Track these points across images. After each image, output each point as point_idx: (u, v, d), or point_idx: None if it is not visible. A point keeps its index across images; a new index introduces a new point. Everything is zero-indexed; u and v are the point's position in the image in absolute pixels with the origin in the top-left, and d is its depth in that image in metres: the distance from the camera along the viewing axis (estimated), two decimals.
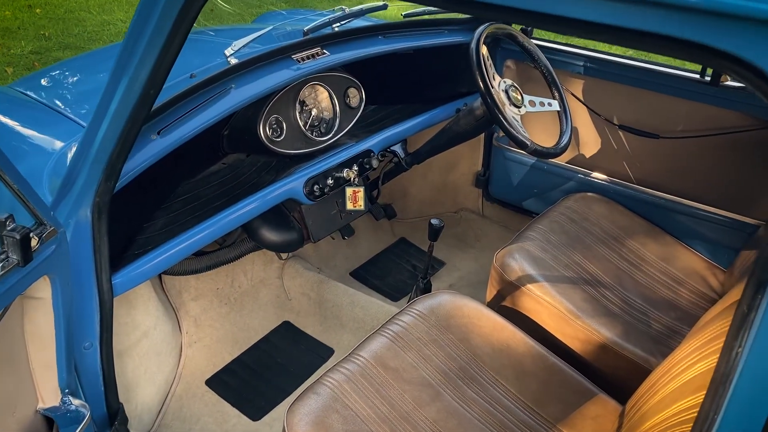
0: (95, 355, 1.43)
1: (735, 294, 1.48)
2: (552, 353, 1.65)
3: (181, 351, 2.01)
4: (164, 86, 1.70)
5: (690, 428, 0.96)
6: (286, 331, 2.19)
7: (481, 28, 1.85)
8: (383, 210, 2.53)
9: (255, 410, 1.92)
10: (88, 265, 1.34)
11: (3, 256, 1.06)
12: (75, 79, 1.98)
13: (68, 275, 1.25)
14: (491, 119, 1.91)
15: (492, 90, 1.80)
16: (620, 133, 2.25)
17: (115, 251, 1.52)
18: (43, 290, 1.21)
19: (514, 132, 1.77)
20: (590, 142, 2.34)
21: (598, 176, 2.33)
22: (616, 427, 1.44)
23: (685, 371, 1.16)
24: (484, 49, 1.82)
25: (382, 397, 1.45)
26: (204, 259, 2.00)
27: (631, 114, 2.20)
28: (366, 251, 2.58)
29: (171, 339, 1.95)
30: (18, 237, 1.04)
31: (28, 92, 1.84)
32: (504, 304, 1.87)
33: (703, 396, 0.99)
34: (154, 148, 1.44)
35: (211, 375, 2.01)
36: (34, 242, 1.09)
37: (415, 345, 1.58)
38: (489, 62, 1.85)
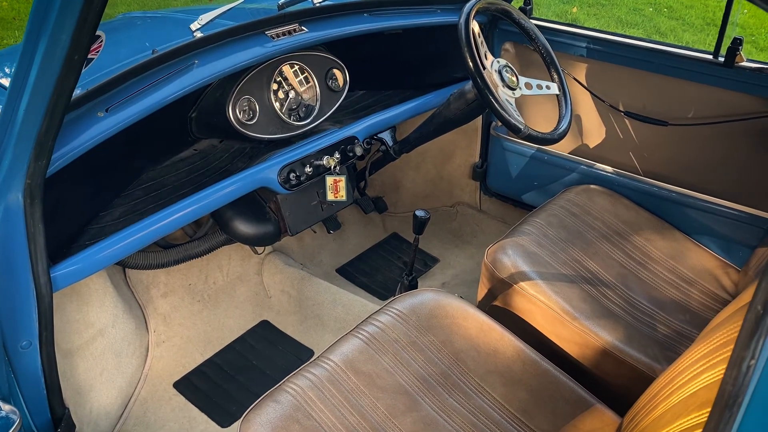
0: (35, 355, 1.29)
1: (749, 295, 1.32)
2: (545, 358, 1.49)
3: (147, 351, 1.87)
4: (122, 63, 1.58)
5: None
6: (264, 330, 2.04)
7: (472, 2, 1.69)
8: (373, 203, 2.38)
9: (225, 416, 1.77)
10: (23, 256, 1.20)
11: None
12: None
13: None
14: (483, 103, 1.76)
15: (483, 70, 1.64)
16: (626, 120, 2.09)
17: (62, 241, 1.39)
18: None
19: (506, 115, 1.61)
20: (594, 131, 2.18)
21: (602, 167, 2.17)
22: None
23: (690, 382, 1.00)
24: (475, 26, 1.67)
25: (352, 406, 1.30)
26: (171, 253, 1.86)
27: (638, 99, 2.03)
28: (354, 247, 2.43)
29: (134, 338, 1.80)
30: None
31: None
32: (495, 304, 1.71)
33: (708, 414, 0.83)
34: (101, 127, 1.30)
35: (180, 377, 1.86)
36: None
37: (391, 348, 1.43)
38: (480, 39, 1.70)
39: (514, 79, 1.76)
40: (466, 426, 1.33)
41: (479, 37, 1.70)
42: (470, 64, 1.61)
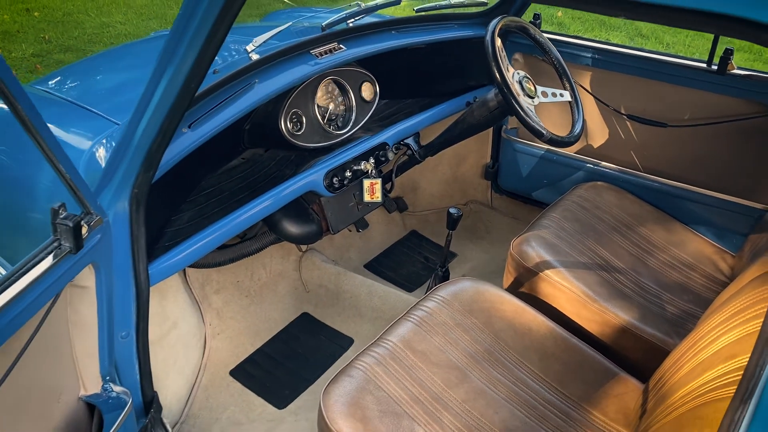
0: (131, 345, 1.46)
1: (748, 275, 1.53)
2: (573, 335, 1.69)
3: (205, 342, 2.05)
4: None
5: (720, 395, 1.01)
6: (305, 322, 2.22)
7: (495, 20, 1.89)
8: (395, 203, 2.57)
9: (279, 399, 1.95)
10: (126, 255, 1.37)
11: (56, 244, 1.09)
12: (97, 76, 2.01)
13: (111, 264, 1.29)
14: (505, 110, 1.96)
15: (507, 81, 1.84)
16: (628, 122, 2.31)
17: (148, 242, 1.56)
18: (87, 279, 1.25)
19: (531, 121, 1.81)
20: (599, 132, 2.39)
21: (607, 165, 2.38)
22: (640, 403, 1.49)
23: (712, 344, 1.21)
24: (498, 42, 1.86)
25: (413, 379, 1.49)
26: (227, 252, 2.03)
27: (639, 104, 2.25)
28: (379, 244, 2.62)
29: (196, 330, 1.98)
30: (71, 225, 1.07)
31: (52, 91, 1.87)
32: (522, 290, 1.91)
33: (734, 362, 1.04)
34: (185, 141, 1.48)
35: (234, 366, 2.04)
36: (83, 230, 1.12)
37: (440, 329, 1.62)
38: (503, 54, 1.90)
39: (533, 88, 1.96)
40: (511, 395, 1.53)
41: (502, 51, 1.90)
42: (498, 76, 1.80)
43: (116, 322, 1.40)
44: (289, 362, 2.07)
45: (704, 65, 2.06)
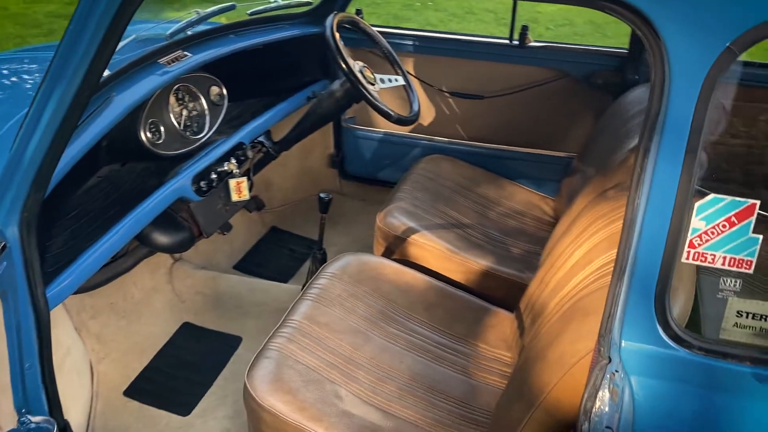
0: (36, 375, 1.41)
1: (580, 203, 1.86)
2: (447, 285, 1.93)
3: (92, 369, 1.98)
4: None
5: (595, 286, 1.26)
6: (188, 331, 2.23)
7: (331, 17, 2.06)
8: (254, 202, 2.64)
9: (181, 407, 1.96)
10: (21, 282, 1.33)
11: None
12: None
13: (17, 292, 1.25)
14: (352, 98, 2.14)
15: (353, 70, 2.02)
16: (451, 99, 2.61)
17: None
18: None
19: (379, 105, 2.01)
20: (428, 112, 2.67)
21: (439, 140, 2.68)
22: (516, 326, 1.76)
23: (569, 259, 1.50)
24: (337, 35, 2.03)
25: (324, 348, 1.62)
26: (102, 272, 1.97)
27: (458, 81, 2.56)
28: (243, 244, 2.68)
29: (85, 357, 1.91)
30: None
31: None
32: (395, 257, 2.12)
33: (595, 263, 1.32)
34: (61, 160, 1.45)
35: (127, 386, 2.00)
36: None
37: (336, 301, 1.77)
38: (343, 46, 2.07)
39: (372, 76, 2.16)
40: (409, 345, 1.72)
41: (341, 43, 2.07)
42: (344, 67, 1.97)
43: (21, 354, 1.36)
44: (181, 372, 2.08)
45: (507, 41, 2.41)
